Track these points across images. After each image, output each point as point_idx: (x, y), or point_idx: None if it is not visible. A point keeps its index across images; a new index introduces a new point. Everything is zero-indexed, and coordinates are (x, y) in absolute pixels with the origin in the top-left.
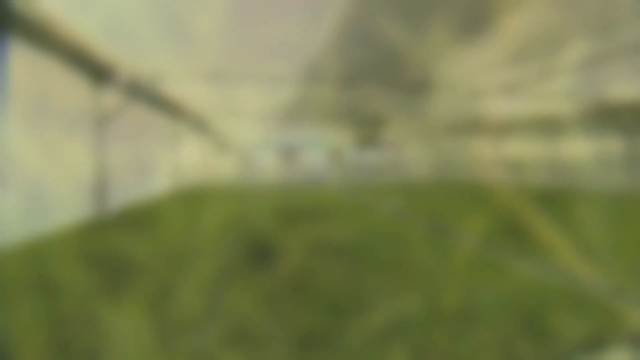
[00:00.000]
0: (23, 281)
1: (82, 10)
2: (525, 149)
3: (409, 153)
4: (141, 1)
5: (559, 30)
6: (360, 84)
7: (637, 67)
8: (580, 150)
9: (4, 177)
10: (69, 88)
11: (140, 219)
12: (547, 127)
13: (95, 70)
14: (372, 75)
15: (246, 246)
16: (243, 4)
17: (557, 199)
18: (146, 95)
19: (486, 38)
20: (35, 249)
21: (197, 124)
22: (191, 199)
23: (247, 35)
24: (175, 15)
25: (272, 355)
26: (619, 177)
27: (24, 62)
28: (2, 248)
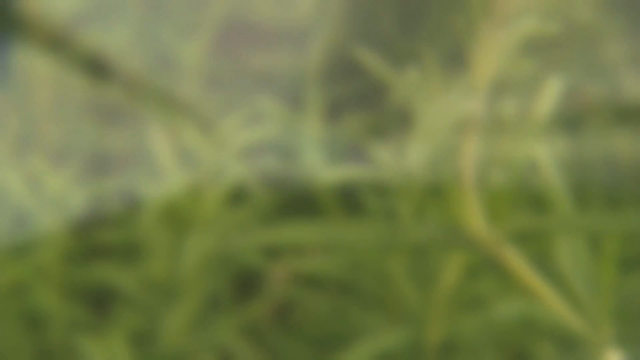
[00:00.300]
0: (5, 312)
1: (65, 42)
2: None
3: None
4: (126, 33)
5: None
6: (344, 114)
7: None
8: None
9: None
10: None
11: (125, 249)
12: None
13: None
14: (356, 106)
15: (231, 277)
16: (228, 34)
17: (536, 234)
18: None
19: (466, 74)
20: (19, 279)
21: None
22: (177, 228)
23: (231, 66)
24: (159, 45)
25: None
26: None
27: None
28: None
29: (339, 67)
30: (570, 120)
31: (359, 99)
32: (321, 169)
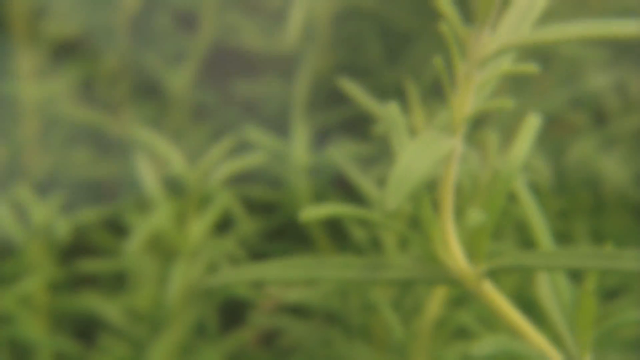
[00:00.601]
0: None
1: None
2: None
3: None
4: (114, 61)
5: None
6: (331, 142)
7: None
8: None
9: None
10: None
11: (111, 278)
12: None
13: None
14: (343, 134)
15: (217, 305)
16: (215, 63)
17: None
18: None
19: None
20: (5, 308)
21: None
22: (163, 257)
23: (217, 94)
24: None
25: None
26: None
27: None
28: None
29: (326, 95)
30: (555, 146)
31: (346, 127)
32: (307, 198)
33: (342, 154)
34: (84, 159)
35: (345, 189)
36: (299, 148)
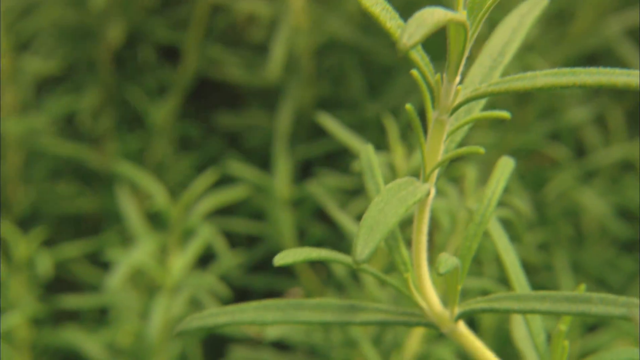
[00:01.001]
0: None
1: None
2: None
3: None
4: (95, 94)
5: None
6: (314, 175)
7: None
8: None
9: None
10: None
11: (93, 313)
12: None
13: None
14: (325, 166)
15: (199, 339)
16: (198, 95)
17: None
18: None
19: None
20: None
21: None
22: (146, 291)
23: (201, 126)
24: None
25: None
26: None
27: None
28: None
29: (308, 127)
30: (535, 178)
31: (329, 159)
32: (290, 231)
33: (323, 188)
34: (67, 192)
35: (328, 221)
36: (281, 181)
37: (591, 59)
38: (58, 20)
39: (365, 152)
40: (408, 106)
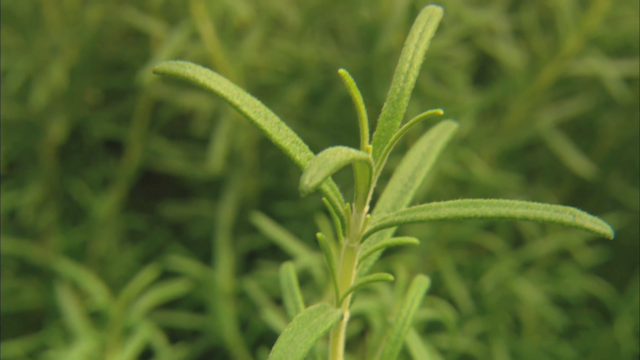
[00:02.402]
0: None
1: None
2: None
3: None
4: (38, 189)
5: None
6: (256, 266)
7: None
8: None
9: None
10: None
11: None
12: None
13: None
14: (268, 257)
15: None
16: (142, 187)
17: None
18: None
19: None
20: None
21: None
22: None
23: (145, 218)
24: None
25: None
26: None
27: None
28: None
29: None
30: (472, 270)
31: (273, 250)
32: (232, 324)
33: (264, 281)
34: (8, 288)
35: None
36: (222, 274)
37: (527, 150)
38: (2, 115)
39: (286, 271)
40: (319, 235)
